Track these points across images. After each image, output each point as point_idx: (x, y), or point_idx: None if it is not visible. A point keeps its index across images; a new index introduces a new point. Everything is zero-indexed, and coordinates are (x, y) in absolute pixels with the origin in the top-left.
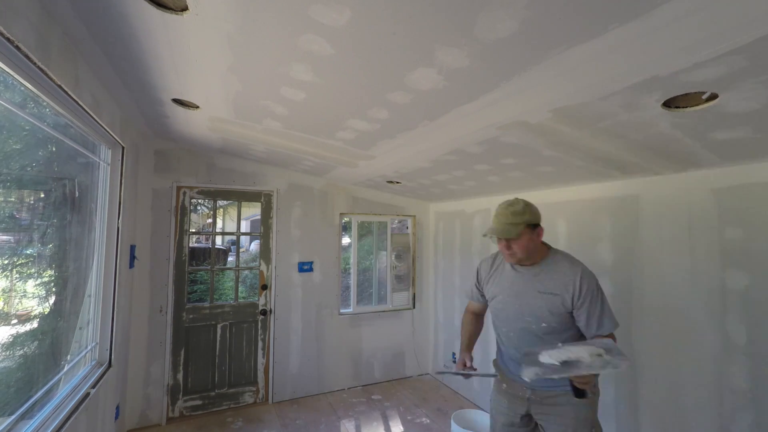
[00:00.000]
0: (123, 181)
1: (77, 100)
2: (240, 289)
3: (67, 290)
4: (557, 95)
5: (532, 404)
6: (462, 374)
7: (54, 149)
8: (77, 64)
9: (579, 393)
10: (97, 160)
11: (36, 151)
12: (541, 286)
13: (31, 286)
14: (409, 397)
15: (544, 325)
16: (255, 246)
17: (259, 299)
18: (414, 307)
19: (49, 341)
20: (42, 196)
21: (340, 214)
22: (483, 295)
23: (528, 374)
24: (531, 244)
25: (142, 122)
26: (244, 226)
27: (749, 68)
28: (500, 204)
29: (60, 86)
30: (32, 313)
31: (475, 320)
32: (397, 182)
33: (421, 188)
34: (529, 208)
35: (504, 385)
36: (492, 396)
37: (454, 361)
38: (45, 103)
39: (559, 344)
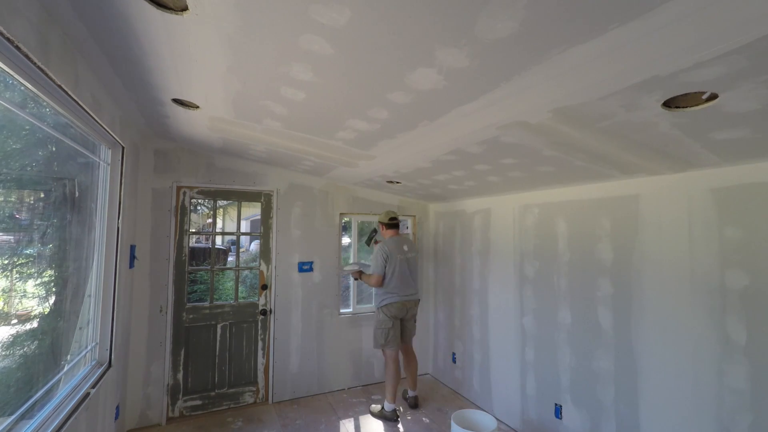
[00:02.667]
0: (123, 181)
1: (77, 100)
2: (240, 289)
3: (67, 290)
4: (557, 95)
5: None
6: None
7: (54, 149)
8: (77, 64)
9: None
10: (97, 160)
11: (36, 150)
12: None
13: (31, 286)
14: None
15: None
16: (255, 246)
17: (259, 299)
18: None
19: (49, 341)
20: (42, 196)
21: (340, 213)
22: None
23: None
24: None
25: (142, 122)
26: (244, 226)
27: (749, 68)
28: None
29: (60, 86)
30: (32, 313)
31: None
32: (397, 182)
33: (421, 188)
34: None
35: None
36: None
37: (455, 362)
38: (45, 103)
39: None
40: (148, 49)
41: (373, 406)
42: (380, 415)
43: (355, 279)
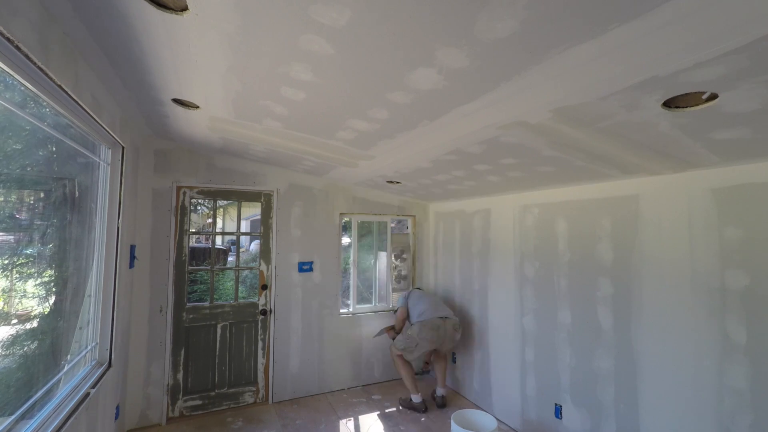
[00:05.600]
0: (123, 181)
1: (77, 100)
2: (240, 289)
3: (67, 290)
4: (557, 95)
5: None
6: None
7: (54, 149)
8: (77, 64)
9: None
10: (97, 160)
11: (36, 151)
12: None
13: (31, 286)
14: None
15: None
16: (255, 246)
17: (259, 299)
18: None
19: (49, 341)
20: (42, 196)
21: (340, 214)
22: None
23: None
24: None
25: (142, 122)
26: (244, 226)
27: (749, 68)
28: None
29: (60, 86)
30: (32, 313)
31: None
32: (397, 182)
33: (421, 188)
34: None
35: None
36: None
37: (454, 362)
38: (45, 103)
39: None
40: (148, 49)
41: (402, 397)
42: (409, 406)
43: (393, 338)
